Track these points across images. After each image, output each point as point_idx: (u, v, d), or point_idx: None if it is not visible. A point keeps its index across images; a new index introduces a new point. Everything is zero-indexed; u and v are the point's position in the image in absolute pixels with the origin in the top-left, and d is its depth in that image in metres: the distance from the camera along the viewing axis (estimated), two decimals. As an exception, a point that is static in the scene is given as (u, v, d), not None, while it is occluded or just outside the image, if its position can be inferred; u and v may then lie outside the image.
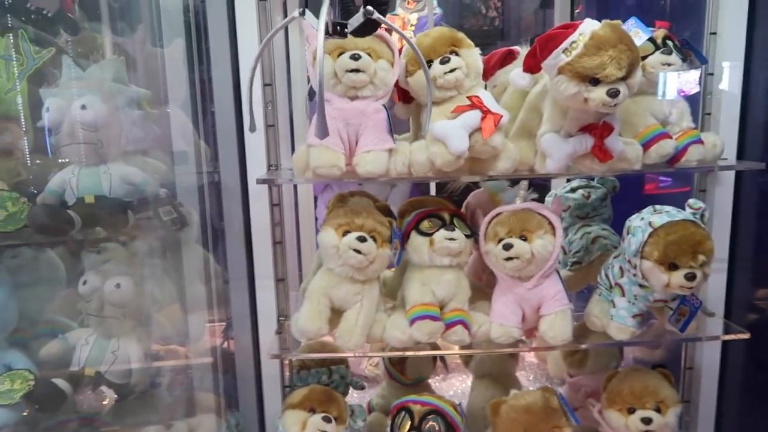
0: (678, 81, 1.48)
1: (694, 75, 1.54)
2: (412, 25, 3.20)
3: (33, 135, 1.35)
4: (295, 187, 1.90)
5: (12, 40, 1.28)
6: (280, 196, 1.52)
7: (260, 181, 1.35)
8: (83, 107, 1.23)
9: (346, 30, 1.02)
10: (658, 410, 1.42)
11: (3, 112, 1.30)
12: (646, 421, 1.41)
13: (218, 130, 1.51)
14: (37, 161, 1.38)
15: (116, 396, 1.37)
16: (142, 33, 1.46)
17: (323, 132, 0.99)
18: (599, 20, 1.24)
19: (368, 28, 1.11)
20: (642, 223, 1.32)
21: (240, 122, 1.49)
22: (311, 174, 1.32)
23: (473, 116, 1.30)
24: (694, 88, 1.56)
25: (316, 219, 2.06)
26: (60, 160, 1.34)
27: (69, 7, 1.44)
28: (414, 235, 1.40)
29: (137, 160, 1.37)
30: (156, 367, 1.42)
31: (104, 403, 1.46)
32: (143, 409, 1.38)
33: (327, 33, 1.03)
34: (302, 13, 1.02)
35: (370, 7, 1.04)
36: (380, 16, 1.08)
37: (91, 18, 1.40)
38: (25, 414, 1.31)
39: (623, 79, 1.20)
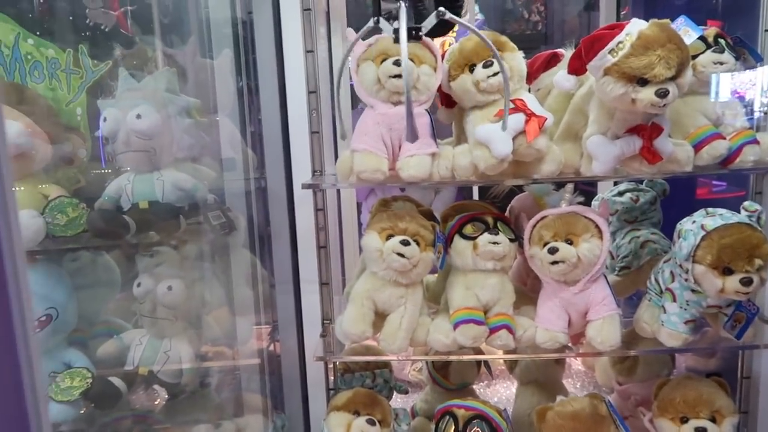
0: (731, 80, 1.43)
1: (749, 74, 1.49)
2: (453, 30, 3.21)
3: (91, 144, 1.41)
4: (339, 192, 1.93)
5: (72, 55, 1.35)
6: (324, 201, 1.54)
7: (305, 186, 1.38)
8: (138, 116, 1.29)
9: (420, 34, 1.03)
10: (713, 420, 1.37)
11: (64, 122, 1.37)
12: (701, 431, 1.36)
13: (265, 137, 1.55)
14: (95, 169, 1.44)
15: (167, 395, 1.41)
16: (193, 45, 1.51)
17: (413, 136, 1.01)
18: (647, 21, 1.22)
19: (442, 28, 1.11)
20: (694, 226, 1.28)
21: (285, 129, 1.53)
22: (355, 179, 1.34)
23: (517, 119, 1.29)
24: (748, 88, 1.51)
25: (360, 225, 2.08)
26: (116, 168, 1.40)
27: (123, 22, 1.51)
28: (457, 238, 1.40)
29: (188, 166, 1.42)
30: (205, 368, 1.46)
31: (156, 402, 1.51)
32: (193, 408, 1.42)
33: (397, 40, 1.05)
34: (377, 22, 1.04)
35: (442, 8, 1.05)
36: (453, 16, 1.08)
37: (144, 32, 1.46)
38: (82, 412, 1.36)
39: (672, 78, 1.17)
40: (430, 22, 1.08)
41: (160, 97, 1.32)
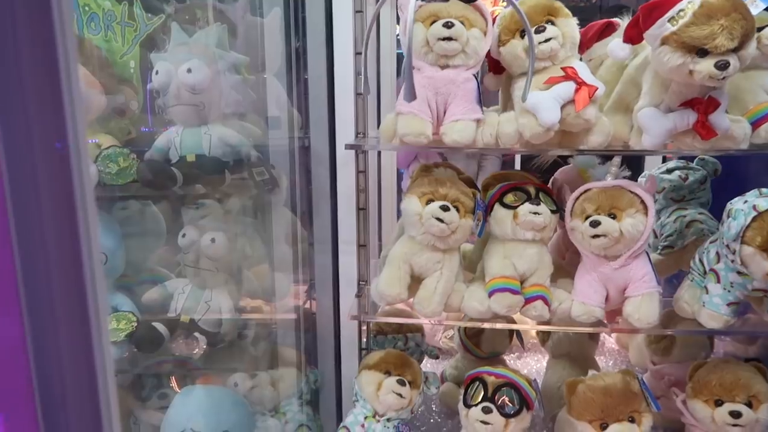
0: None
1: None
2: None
3: (143, 96, 1.45)
4: (380, 156, 1.93)
5: (127, 8, 1.37)
6: (366, 164, 1.55)
7: (348, 147, 1.39)
8: (189, 71, 1.31)
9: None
10: (749, 405, 1.35)
11: (118, 74, 1.41)
12: (735, 414, 1.34)
13: (310, 97, 1.56)
14: (146, 121, 1.48)
15: (207, 343, 1.47)
16: (243, 2, 1.52)
17: (411, 95, 1.00)
18: None
19: None
20: (745, 206, 1.24)
21: (332, 90, 1.53)
22: (398, 141, 1.34)
23: (567, 88, 1.27)
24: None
25: (400, 191, 2.09)
26: (166, 121, 1.43)
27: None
28: (498, 207, 1.39)
29: (234, 123, 1.44)
30: (244, 320, 1.51)
31: (195, 350, 1.56)
32: (231, 358, 1.47)
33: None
34: None
35: None
36: None
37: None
38: (125, 355, 1.43)
39: (734, 50, 1.13)
40: None
41: (210, 53, 1.34)
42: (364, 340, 1.68)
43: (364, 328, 1.70)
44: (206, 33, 1.37)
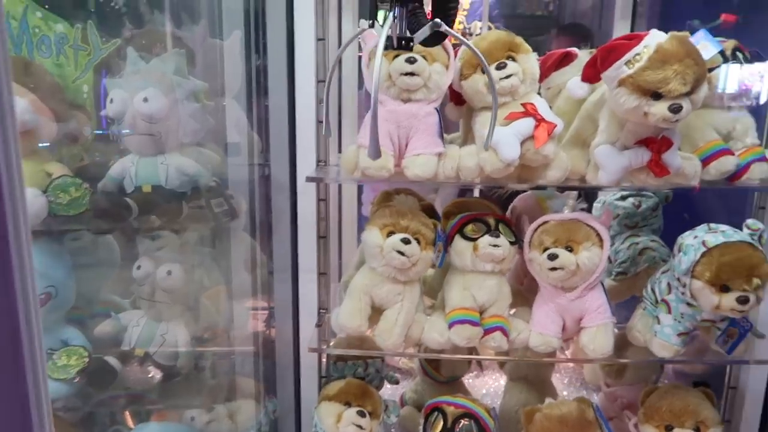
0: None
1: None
2: (464, 9, 3.15)
3: (96, 123, 1.40)
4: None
5: (81, 31, 1.32)
6: (326, 192, 1.53)
7: (309, 180, 1.37)
8: (145, 100, 1.27)
9: (411, 44, 0.99)
10: (697, 430, 1.40)
11: (70, 99, 1.36)
12: (684, 441, 1.39)
13: (271, 124, 1.54)
14: (99, 149, 1.43)
15: (162, 376, 1.43)
16: (203, 26, 1.49)
17: (376, 153, 0.99)
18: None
19: (436, 39, 1.08)
20: (695, 241, 1.28)
21: (292, 116, 1.51)
22: (359, 174, 1.34)
23: (526, 124, 1.28)
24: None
25: (360, 216, 2.08)
26: (120, 149, 1.39)
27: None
28: (458, 239, 1.40)
29: (192, 151, 1.41)
30: (200, 351, 1.48)
31: (151, 383, 1.52)
32: (187, 391, 1.44)
33: (392, 47, 1.01)
34: (371, 26, 1.00)
35: (438, 20, 1.01)
36: (448, 29, 1.05)
37: (154, 10, 1.43)
38: (77, 393, 1.38)
39: (687, 94, 1.16)
40: (424, 33, 1.05)
41: (167, 81, 1.31)
42: (324, 367, 1.67)
43: (324, 356, 1.69)
44: (163, 60, 1.33)
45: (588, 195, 1.64)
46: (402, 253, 1.32)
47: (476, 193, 1.97)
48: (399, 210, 1.39)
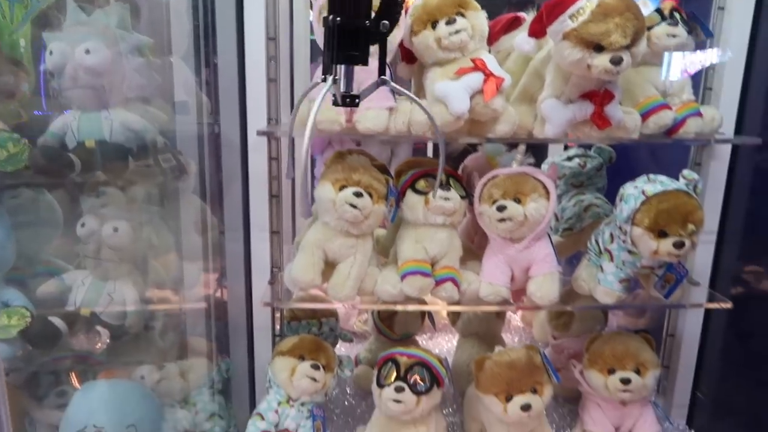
0: (682, 54, 1.48)
1: (698, 50, 1.54)
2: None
3: (35, 78, 1.34)
4: (293, 142, 1.90)
5: (16, -19, 1.26)
6: (278, 150, 1.52)
7: (260, 133, 1.36)
8: (87, 52, 1.22)
9: (357, 101, 0.99)
10: (637, 372, 1.47)
11: (6, 54, 1.29)
12: (625, 381, 1.46)
13: (220, 82, 1.50)
14: (39, 104, 1.38)
15: (110, 336, 1.40)
16: (147, -22, 1.44)
17: (307, 212, 0.98)
18: None
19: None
20: (635, 191, 1.34)
21: (242, 74, 1.49)
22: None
23: (475, 78, 1.30)
24: (696, 64, 1.56)
25: (314, 178, 2.07)
26: (61, 104, 1.34)
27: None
28: (410, 193, 1.42)
29: (138, 107, 1.37)
30: (150, 311, 1.45)
31: (98, 344, 1.49)
32: (136, 350, 1.41)
33: (337, 104, 1.00)
34: (324, 80, 0.99)
35: (384, 77, 1.00)
36: (395, 86, 1.06)
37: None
38: (19, 353, 1.34)
39: (627, 47, 1.20)
40: (369, 90, 1.06)
41: (110, 34, 1.26)
42: (278, 326, 1.67)
43: (278, 315, 1.69)
44: (106, 12, 1.28)
45: (536, 154, 1.68)
46: (354, 206, 1.32)
47: (429, 155, 1.99)
48: (351, 165, 1.39)
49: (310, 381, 1.42)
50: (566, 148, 1.89)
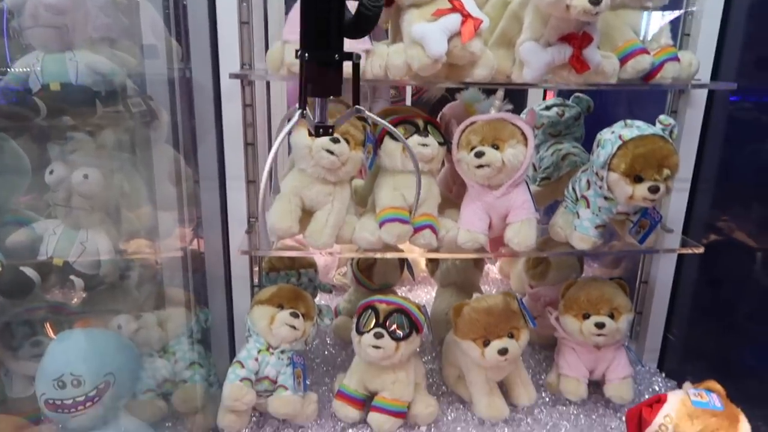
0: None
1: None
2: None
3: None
4: (268, 87, 1.86)
5: None
6: (253, 97, 1.49)
7: (233, 76, 1.32)
8: (47, -13, 1.17)
9: (332, 130, 0.98)
10: (611, 317, 1.50)
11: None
12: (600, 325, 1.49)
13: (191, 25, 1.45)
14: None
15: (85, 287, 1.38)
16: None
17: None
18: None
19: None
20: (612, 136, 1.34)
21: (213, 17, 1.44)
22: (286, 71, 1.30)
23: (453, 20, 1.28)
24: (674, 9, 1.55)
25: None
26: (23, 45, 1.28)
27: None
28: (388, 140, 1.40)
29: (104, 49, 1.32)
30: (125, 261, 1.43)
31: (73, 295, 1.47)
32: (112, 300, 1.40)
33: (312, 135, 1.00)
34: (303, 115, 0.98)
35: (359, 107, 1.00)
36: (370, 115, 1.05)
37: None
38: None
39: (606, -14, 1.18)
40: (345, 117, 1.06)
41: (71, -33, 1.20)
42: (256, 278, 1.66)
43: (257, 269, 1.68)
44: (65, -55, 1.22)
45: (515, 103, 1.66)
46: (331, 153, 1.31)
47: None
48: (328, 111, 1.36)
49: (289, 329, 1.42)
50: (545, 97, 1.88)
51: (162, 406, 1.40)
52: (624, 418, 1.35)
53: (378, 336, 1.39)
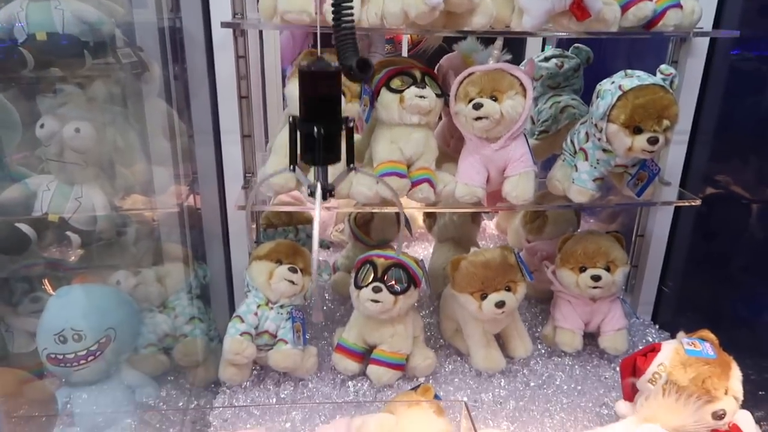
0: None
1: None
2: None
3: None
4: (261, 39, 1.81)
5: None
6: (246, 48, 1.45)
7: (225, 25, 1.29)
8: (26, -71, 1.12)
9: (331, 192, 0.98)
10: (607, 269, 1.51)
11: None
12: (596, 278, 1.50)
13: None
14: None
15: (81, 243, 1.37)
16: None
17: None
18: None
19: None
20: (612, 86, 1.32)
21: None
22: (279, 20, 1.27)
23: (451, -35, 1.24)
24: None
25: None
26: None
27: None
28: (384, 92, 1.38)
29: (91, -1, 1.28)
30: (122, 217, 1.42)
31: (69, 252, 1.47)
32: (110, 256, 1.39)
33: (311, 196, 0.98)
34: (293, 170, 1.00)
35: (354, 165, 1.01)
36: (365, 171, 1.13)
37: None
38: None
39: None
40: (341, 178, 1.05)
41: None
42: (254, 234, 1.66)
43: (254, 225, 1.67)
44: None
45: (516, 55, 1.63)
46: (327, 104, 1.28)
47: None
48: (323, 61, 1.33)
49: (288, 284, 1.42)
50: (544, 47, 1.84)
51: (164, 360, 1.42)
52: (618, 368, 1.37)
53: (376, 290, 1.40)
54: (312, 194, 0.96)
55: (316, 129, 0.89)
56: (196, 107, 1.48)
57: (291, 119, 0.94)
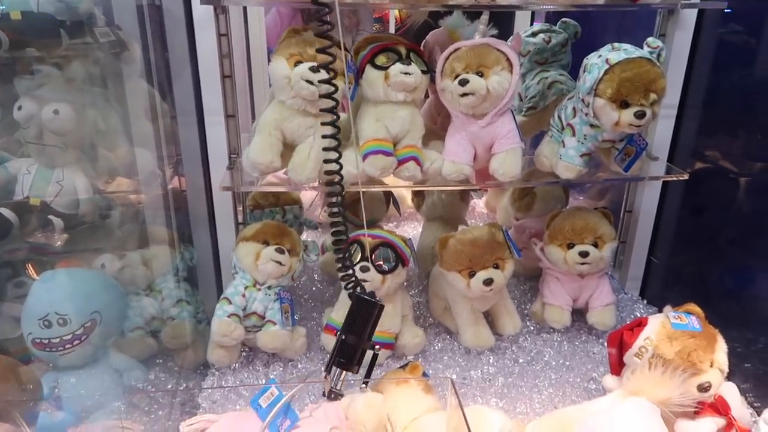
0: None
1: None
2: None
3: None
4: (246, 17, 1.78)
5: None
6: (228, 26, 1.42)
7: (204, 1, 1.26)
8: None
9: (340, 397, 1.07)
10: (595, 245, 1.51)
11: None
12: (584, 254, 1.50)
13: (157, -52, 1.37)
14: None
15: (65, 226, 1.35)
16: None
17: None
18: None
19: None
20: (599, 60, 1.31)
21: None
22: (260, -5, 1.24)
23: (435, -63, 1.22)
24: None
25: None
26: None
27: None
28: (369, 68, 1.36)
29: (66, -24, 1.24)
30: (105, 200, 1.40)
31: (54, 235, 1.45)
32: (94, 240, 1.38)
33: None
34: (326, 377, 1.07)
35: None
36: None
37: None
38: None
39: None
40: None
41: None
42: (240, 216, 1.65)
43: (240, 208, 1.66)
44: None
45: (503, 30, 1.61)
46: (311, 82, 1.26)
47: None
48: (306, 39, 1.31)
49: (275, 265, 1.41)
50: (532, 22, 1.82)
51: (151, 343, 1.41)
52: (606, 344, 1.38)
53: (364, 269, 1.39)
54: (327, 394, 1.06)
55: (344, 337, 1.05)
56: (179, 87, 1.45)
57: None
